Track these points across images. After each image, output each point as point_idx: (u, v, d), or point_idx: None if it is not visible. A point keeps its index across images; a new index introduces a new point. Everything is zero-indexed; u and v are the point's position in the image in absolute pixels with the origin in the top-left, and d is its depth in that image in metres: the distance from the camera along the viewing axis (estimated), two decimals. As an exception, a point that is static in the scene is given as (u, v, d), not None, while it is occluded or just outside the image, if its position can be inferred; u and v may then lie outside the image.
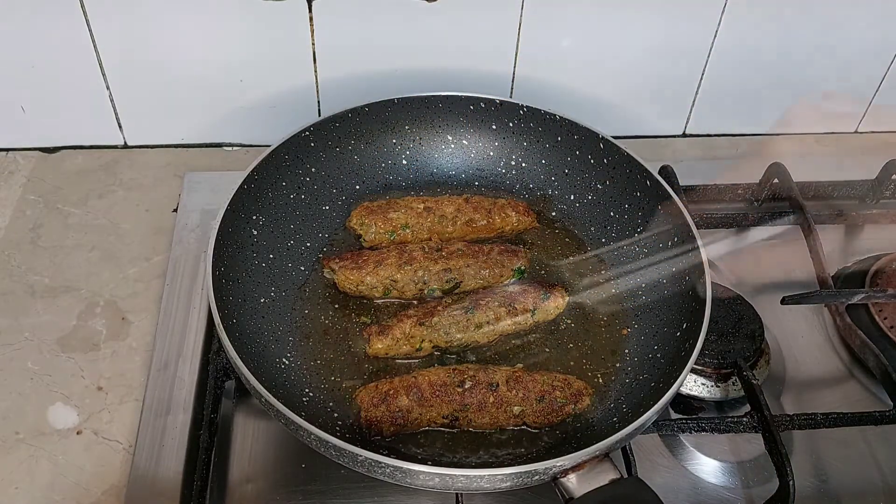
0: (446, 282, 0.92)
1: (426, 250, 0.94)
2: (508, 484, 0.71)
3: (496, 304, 0.89)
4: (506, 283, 0.94)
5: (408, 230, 0.97)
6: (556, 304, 0.91)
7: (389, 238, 0.97)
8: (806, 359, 0.98)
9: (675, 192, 0.93)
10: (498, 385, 0.81)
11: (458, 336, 0.87)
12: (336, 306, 0.93)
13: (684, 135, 1.28)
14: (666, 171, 1.05)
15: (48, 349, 0.94)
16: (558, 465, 0.70)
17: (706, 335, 0.79)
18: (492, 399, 0.80)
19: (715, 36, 1.14)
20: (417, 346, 0.87)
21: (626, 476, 0.73)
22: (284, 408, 0.71)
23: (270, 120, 1.16)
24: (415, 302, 0.93)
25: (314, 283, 0.95)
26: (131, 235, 1.07)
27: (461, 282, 0.93)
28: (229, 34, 1.07)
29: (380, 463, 0.69)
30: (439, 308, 0.89)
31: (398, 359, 0.88)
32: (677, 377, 0.77)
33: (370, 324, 0.89)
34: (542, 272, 0.98)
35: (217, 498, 0.82)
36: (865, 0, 1.12)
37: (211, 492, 0.81)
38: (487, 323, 0.88)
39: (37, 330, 0.96)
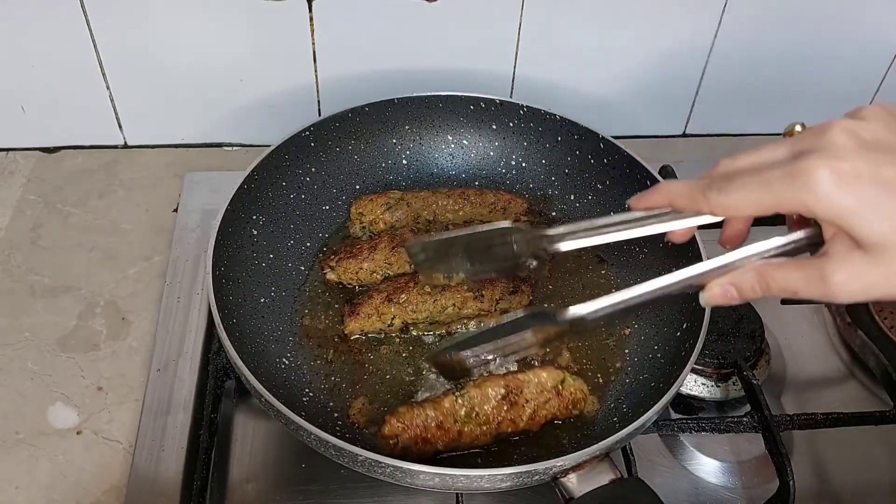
0: None
1: (416, 232, 0.97)
2: (508, 484, 0.71)
3: (464, 288, 0.90)
4: None
5: (403, 202, 0.99)
6: (520, 299, 0.92)
7: (385, 210, 0.99)
8: (806, 359, 0.98)
9: (675, 192, 0.93)
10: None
11: (425, 315, 0.89)
12: (336, 306, 0.93)
13: (684, 135, 1.28)
14: (666, 171, 1.05)
15: (48, 349, 0.94)
16: (558, 465, 0.70)
17: (706, 335, 0.79)
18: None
19: (715, 36, 1.14)
20: (389, 322, 0.89)
21: (626, 476, 0.73)
22: (284, 408, 0.71)
23: (270, 120, 1.16)
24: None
25: (314, 283, 0.95)
26: (131, 235, 1.07)
27: None
28: (229, 34, 1.07)
29: (380, 463, 0.69)
30: (410, 285, 0.90)
31: (371, 334, 0.90)
32: (677, 377, 0.77)
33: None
34: (543, 270, 0.98)
35: (217, 498, 0.82)
36: (865, 0, 1.12)
37: (211, 492, 0.81)
38: (453, 305, 0.89)
39: (37, 330, 0.96)
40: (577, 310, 0.63)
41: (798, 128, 0.60)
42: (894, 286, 0.52)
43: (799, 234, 0.59)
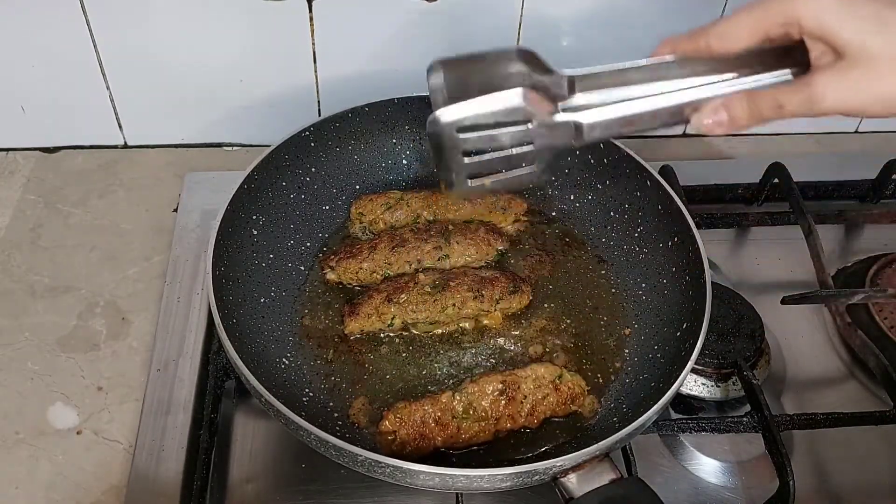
0: (438, 259, 0.94)
1: (416, 231, 0.97)
2: (508, 484, 0.71)
3: (464, 288, 0.90)
4: (484, 264, 0.96)
5: (403, 202, 0.99)
6: (520, 299, 0.92)
7: (385, 210, 0.99)
8: (806, 359, 0.98)
9: (675, 192, 0.93)
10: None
11: (425, 315, 0.89)
12: (336, 306, 0.93)
13: (684, 135, 1.28)
14: (666, 171, 1.05)
15: (48, 349, 0.94)
16: (558, 465, 0.70)
17: (706, 335, 0.79)
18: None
19: (715, 36, 1.14)
20: (389, 322, 0.89)
21: (626, 476, 0.73)
22: (284, 408, 0.71)
23: (270, 120, 1.16)
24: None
25: (314, 283, 0.95)
26: (131, 235, 1.07)
27: (449, 256, 0.95)
28: (229, 34, 1.07)
29: (380, 463, 0.69)
30: (410, 285, 0.90)
31: (371, 333, 0.90)
32: (677, 377, 0.77)
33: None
34: (543, 271, 0.98)
35: (217, 498, 0.82)
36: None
37: (211, 492, 0.81)
38: (453, 305, 0.89)
39: (37, 330, 0.96)
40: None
41: None
42: (873, 94, 0.56)
43: (786, 71, 0.62)
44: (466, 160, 0.66)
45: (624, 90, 0.66)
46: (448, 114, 0.65)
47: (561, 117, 0.65)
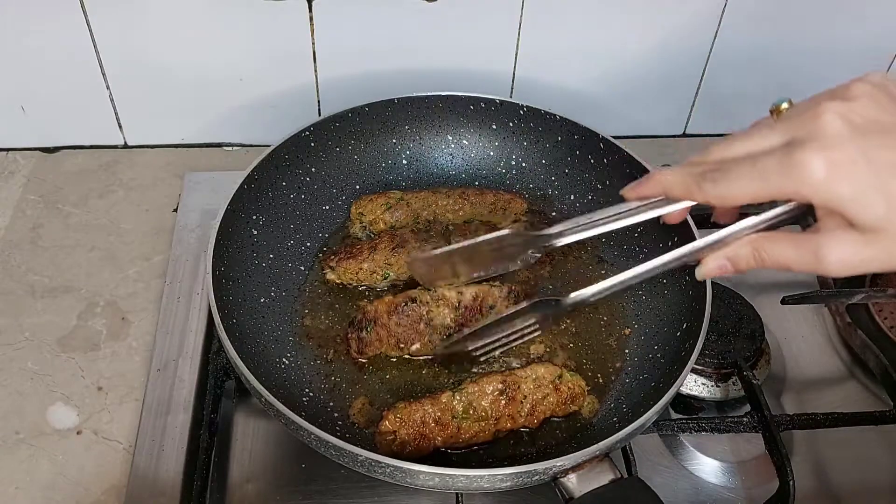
0: None
1: (416, 231, 0.96)
2: (508, 484, 0.71)
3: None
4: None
5: (403, 202, 0.99)
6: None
7: (385, 210, 0.98)
8: (806, 359, 0.98)
9: (675, 192, 0.93)
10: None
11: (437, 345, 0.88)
12: (336, 306, 0.93)
13: (684, 135, 1.28)
14: (666, 171, 1.05)
15: (48, 349, 0.94)
16: (558, 465, 0.70)
17: (706, 335, 0.79)
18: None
19: (715, 36, 1.14)
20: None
21: (626, 476, 0.73)
22: (284, 408, 0.71)
23: (270, 120, 1.16)
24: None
25: (314, 282, 0.95)
26: (131, 235, 1.07)
27: None
28: (229, 34, 1.07)
29: (380, 463, 0.69)
30: (421, 327, 0.86)
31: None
32: (677, 377, 0.77)
33: (351, 327, 0.89)
34: (543, 271, 0.98)
35: (217, 498, 0.82)
36: (865, 0, 1.12)
37: (211, 492, 0.81)
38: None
39: (37, 330, 0.96)
40: (580, 294, 0.65)
41: (785, 105, 0.61)
42: (886, 262, 0.54)
43: (790, 206, 0.60)
44: (478, 352, 0.73)
45: (613, 225, 0.70)
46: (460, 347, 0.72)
47: (567, 304, 0.69)
